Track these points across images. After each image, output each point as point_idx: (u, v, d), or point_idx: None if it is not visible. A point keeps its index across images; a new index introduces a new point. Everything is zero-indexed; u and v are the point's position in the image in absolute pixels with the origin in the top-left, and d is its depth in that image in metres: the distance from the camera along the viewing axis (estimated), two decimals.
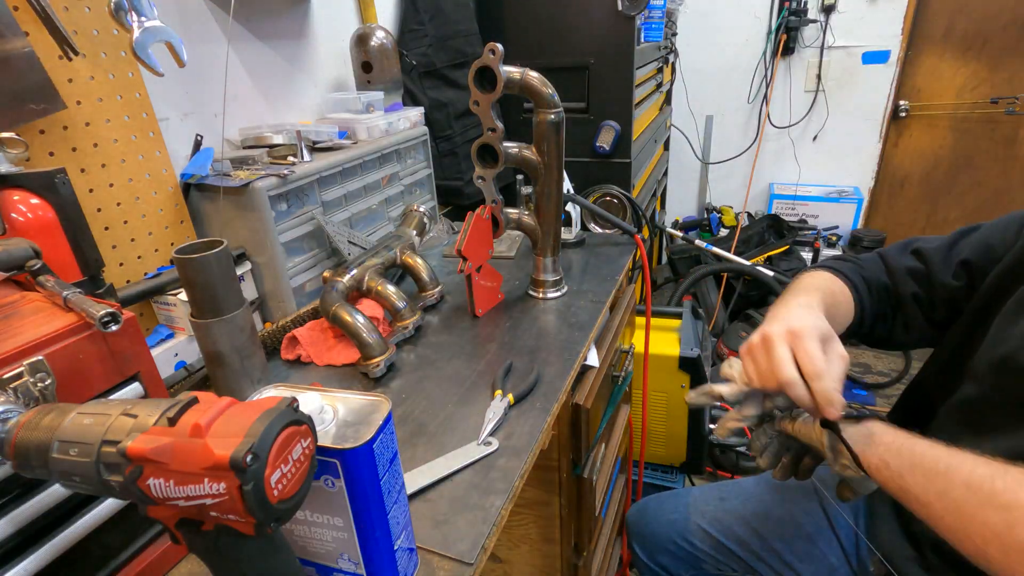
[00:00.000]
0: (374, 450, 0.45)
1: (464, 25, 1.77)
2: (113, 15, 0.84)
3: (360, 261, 1.01)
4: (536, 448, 0.69)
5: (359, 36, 1.43)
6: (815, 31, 2.81)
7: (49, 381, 0.44)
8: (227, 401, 0.38)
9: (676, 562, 1.06)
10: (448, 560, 0.55)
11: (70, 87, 0.88)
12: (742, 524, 0.99)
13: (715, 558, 1.01)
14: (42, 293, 0.53)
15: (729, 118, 3.16)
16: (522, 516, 0.99)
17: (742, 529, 0.99)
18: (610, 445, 1.18)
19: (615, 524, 1.34)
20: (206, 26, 1.13)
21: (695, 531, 1.03)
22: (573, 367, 0.85)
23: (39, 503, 0.45)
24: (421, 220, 1.16)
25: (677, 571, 1.07)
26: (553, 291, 1.06)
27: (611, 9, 1.75)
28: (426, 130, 1.47)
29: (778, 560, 0.95)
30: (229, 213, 1.06)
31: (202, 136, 1.10)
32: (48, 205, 0.69)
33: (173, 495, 0.35)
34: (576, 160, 1.95)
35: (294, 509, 0.38)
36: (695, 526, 1.04)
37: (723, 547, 1.00)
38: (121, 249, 0.98)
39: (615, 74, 1.84)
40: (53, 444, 0.37)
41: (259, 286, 1.11)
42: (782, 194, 3.03)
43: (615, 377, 1.12)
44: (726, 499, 1.05)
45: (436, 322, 1.01)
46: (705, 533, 1.02)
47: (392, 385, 0.83)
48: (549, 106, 0.91)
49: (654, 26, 2.13)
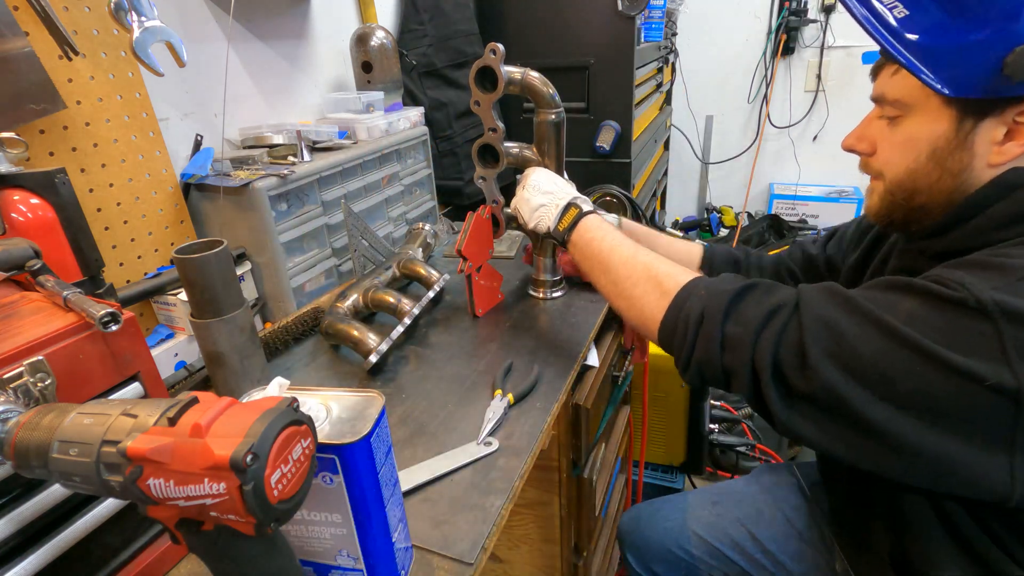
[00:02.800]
0: (371, 444, 0.45)
1: (464, 25, 1.77)
2: (113, 15, 0.84)
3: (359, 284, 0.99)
4: (536, 448, 0.69)
5: (359, 36, 1.43)
6: (815, 31, 2.81)
7: (49, 381, 0.44)
8: (227, 401, 0.38)
9: (672, 570, 1.06)
10: (448, 560, 0.55)
11: (70, 87, 0.88)
12: (736, 526, 1.00)
13: (710, 564, 1.01)
14: (42, 293, 0.53)
15: (729, 118, 3.16)
16: (522, 516, 0.99)
17: (736, 532, 0.99)
18: (610, 445, 1.18)
19: (615, 524, 1.34)
20: (206, 26, 1.13)
21: (690, 538, 1.03)
22: (573, 367, 0.85)
23: (39, 503, 0.45)
24: (426, 239, 1.15)
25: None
26: (553, 291, 1.06)
27: (611, 9, 1.75)
28: (426, 130, 1.47)
29: (771, 560, 0.95)
30: (229, 213, 1.06)
31: (202, 136, 1.10)
32: (48, 205, 0.69)
33: (173, 495, 0.35)
34: (576, 160, 1.95)
35: (294, 509, 0.38)
36: (691, 532, 1.04)
37: (719, 552, 1.00)
38: (121, 249, 0.98)
39: (615, 74, 1.84)
40: (53, 444, 0.37)
41: (259, 286, 1.11)
42: (782, 194, 3.03)
43: (615, 377, 1.12)
44: (719, 503, 1.05)
45: (436, 322, 1.01)
46: (700, 539, 1.02)
47: (392, 385, 0.83)
48: (550, 106, 0.91)
49: (654, 26, 2.13)
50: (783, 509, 0.98)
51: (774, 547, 0.95)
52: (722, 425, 1.76)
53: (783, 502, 0.99)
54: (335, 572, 0.51)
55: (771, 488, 1.03)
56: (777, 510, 0.99)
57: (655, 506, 1.13)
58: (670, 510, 1.09)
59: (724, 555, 0.99)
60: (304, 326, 0.98)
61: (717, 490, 1.09)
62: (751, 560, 0.97)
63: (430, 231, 1.18)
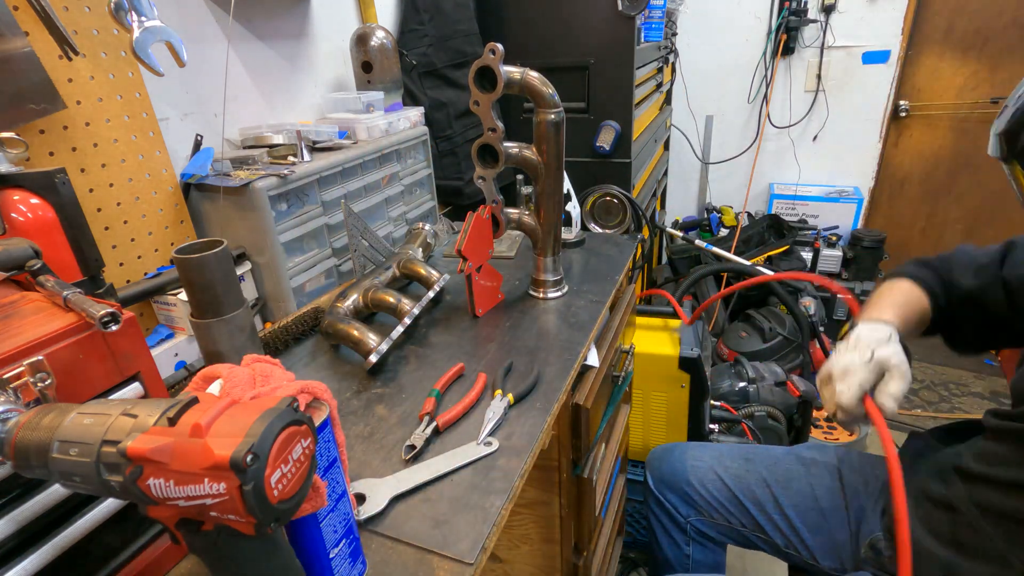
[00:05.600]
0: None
1: (464, 25, 1.77)
2: (113, 15, 0.84)
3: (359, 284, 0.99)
4: (536, 448, 0.69)
5: (359, 36, 1.43)
6: (815, 31, 2.81)
7: (49, 381, 0.44)
8: (227, 401, 0.38)
9: (684, 503, 1.11)
10: (448, 560, 0.55)
11: (70, 87, 0.88)
12: (762, 486, 1.04)
13: (726, 508, 1.06)
14: (42, 293, 0.53)
15: (729, 118, 3.16)
16: (522, 516, 0.99)
17: (761, 491, 1.03)
18: (610, 445, 1.18)
19: (615, 524, 1.34)
20: (206, 26, 1.13)
21: (713, 480, 1.08)
22: (573, 367, 0.85)
23: (39, 503, 0.45)
24: (426, 239, 1.15)
25: (683, 511, 1.12)
26: (553, 291, 1.06)
27: (611, 9, 1.75)
28: (426, 130, 1.47)
29: (788, 525, 0.99)
30: (229, 213, 1.06)
31: (202, 136, 1.10)
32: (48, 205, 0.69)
33: (173, 495, 0.35)
34: (576, 160, 1.95)
35: (294, 509, 0.38)
36: (714, 476, 1.09)
37: (737, 500, 1.05)
38: (121, 249, 0.98)
39: (615, 74, 1.84)
40: (53, 444, 0.37)
41: (259, 286, 1.11)
42: (782, 194, 3.02)
43: (615, 377, 1.12)
44: (752, 459, 1.09)
45: (436, 322, 1.01)
46: (723, 484, 1.07)
47: (392, 385, 0.83)
48: (549, 106, 0.91)
49: (654, 26, 2.13)
50: (813, 484, 1.01)
51: (793, 513, 1.00)
52: (722, 425, 1.76)
53: (815, 478, 1.02)
54: None
55: (808, 463, 1.06)
56: (807, 483, 1.02)
57: (689, 445, 1.19)
58: (701, 451, 1.15)
59: (742, 504, 1.04)
60: (304, 326, 0.98)
61: (753, 449, 1.13)
62: (767, 517, 1.02)
63: (430, 231, 1.18)
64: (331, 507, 0.49)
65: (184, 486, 0.35)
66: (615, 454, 1.20)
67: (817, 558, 0.97)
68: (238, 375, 0.47)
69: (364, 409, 0.78)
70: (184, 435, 0.35)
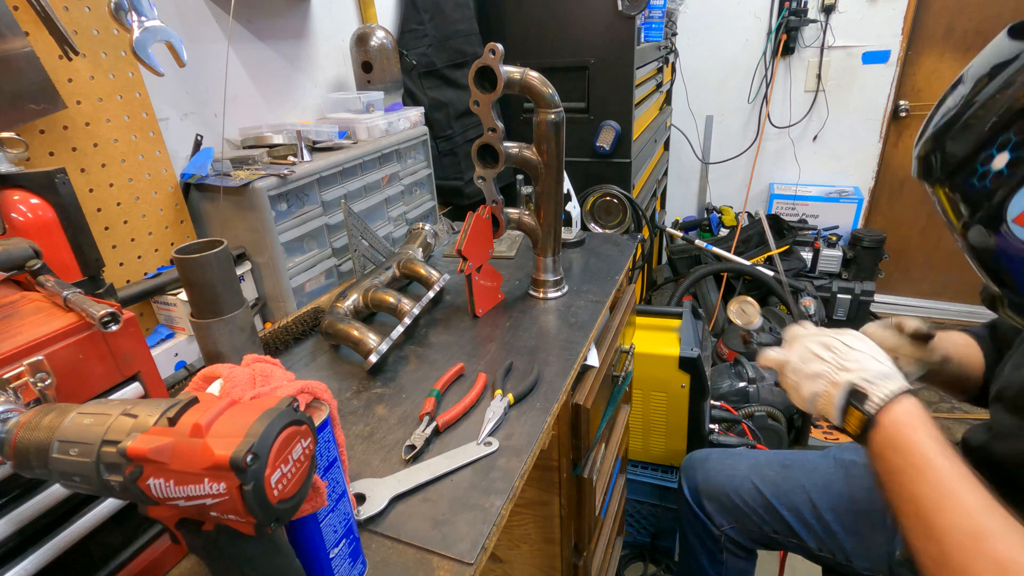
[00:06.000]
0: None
1: (464, 25, 1.77)
2: (113, 15, 0.84)
3: (359, 284, 0.99)
4: (536, 448, 0.69)
5: (359, 36, 1.43)
6: (815, 31, 2.81)
7: (49, 381, 0.44)
8: (227, 401, 0.38)
9: (721, 512, 1.11)
10: (448, 560, 0.55)
11: (70, 87, 0.88)
12: (800, 492, 1.03)
13: (761, 516, 1.06)
14: (42, 293, 0.53)
15: (729, 118, 3.16)
16: (522, 516, 0.99)
17: (798, 496, 1.03)
18: (610, 445, 1.18)
19: (615, 524, 1.34)
20: (206, 26, 1.13)
21: (749, 489, 1.08)
22: (573, 367, 0.85)
23: (39, 503, 0.45)
24: (426, 239, 1.15)
25: (719, 520, 1.12)
26: (553, 291, 1.06)
27: (611, 9, 1.75)
28: (426, 130, 1.47)
29: (824, 528, 0.99)
30: (229, 213, 1.06)
31: (202, 136, 1.10)
32: (48, 205, 0.69)
33: (173, 495, 0.35)
34: (576, 160, 1.95)
35: (294, 509, 0.38)
36: (751, 484, 1.08)
37: (772, 508, 1.04)
38: (121, 249, 0.98)
39: (615, 74, 1.84)
40: (53, 444, 0.37)
41: (259, 286, 1.11)
42: (782, 194, 3.02)
43: (615, 377, 1.12)
44: (789, 467, 1.09)
45: (436, 322, 1.01)
46: (759, 493, 1.07)
47: (392, 385, 0.83)
48: (549, 106, 0.91)
49: (654, 26, 2.13)
50: (852, 487, 1.01)
51: (830, 516, 0.99)
52: (722, 425, 1.76)
53: (855, 480, 1.02)
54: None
55: (848, 465, 1.05)
56: (845, 485, 1.02)
57: (725, 453, 1.19)
58: (738, 460, 1.15)
59: (777, 512, 1.04)
60: (304, 326, 0.98)
61: (791, 456, 1.13)
62: (803, 523, 1.01)
63: (430, 231, 1.18)
64: (331, 507, 0.49)
65: (184, 486, 0.35)
66: (615, 454, 1.19)
67: (852, 559, 0.97)
68: (238, 375, 0.47)
69: (364, 409, 0.78)
70: (184, 435, 0.35)
